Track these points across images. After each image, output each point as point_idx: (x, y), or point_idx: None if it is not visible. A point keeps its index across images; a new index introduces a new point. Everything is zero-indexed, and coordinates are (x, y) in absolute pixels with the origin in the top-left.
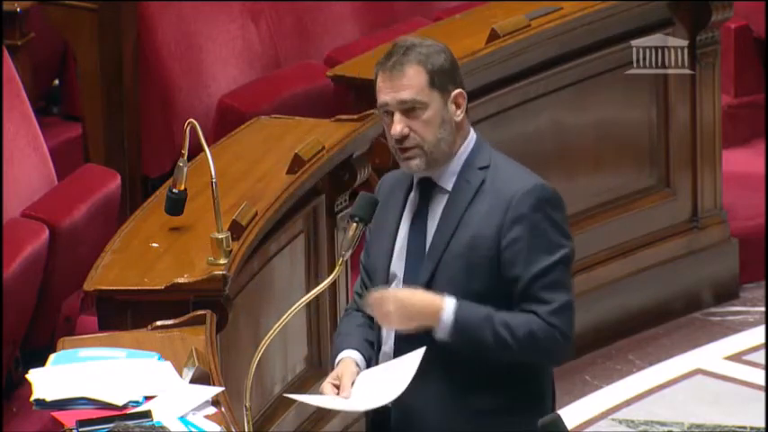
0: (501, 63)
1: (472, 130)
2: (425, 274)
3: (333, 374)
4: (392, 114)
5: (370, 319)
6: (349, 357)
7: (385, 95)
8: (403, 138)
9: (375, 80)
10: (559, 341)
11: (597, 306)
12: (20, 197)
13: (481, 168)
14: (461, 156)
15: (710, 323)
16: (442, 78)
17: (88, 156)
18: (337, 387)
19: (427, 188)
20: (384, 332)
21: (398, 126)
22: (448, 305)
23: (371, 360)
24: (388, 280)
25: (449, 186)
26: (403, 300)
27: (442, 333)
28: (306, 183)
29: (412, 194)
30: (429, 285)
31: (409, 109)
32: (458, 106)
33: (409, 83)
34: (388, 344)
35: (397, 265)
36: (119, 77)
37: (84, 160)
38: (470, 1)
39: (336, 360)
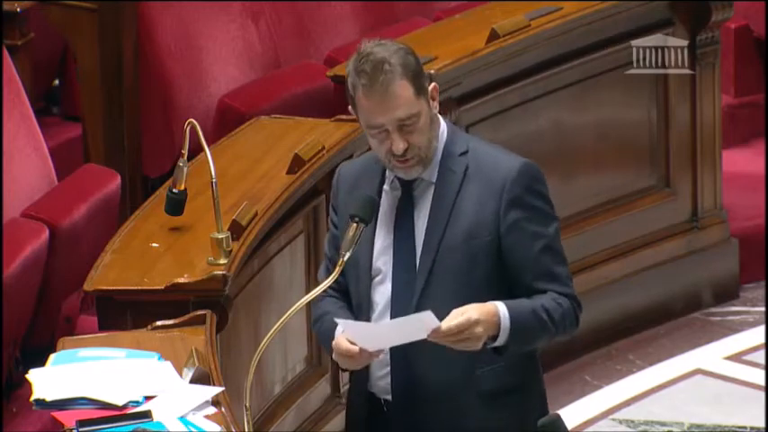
0: (501, 63)
1: (440, 117)
2: (425, 267)
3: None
4: (387, 131)
5: (345, 301)
6: None
7: (379, 117)
8: (405, 151)
9: (353, 97)
10: (577, 312)
11: (597, 306)
12: (20, 197)
13: (461, 154)
14: (439, 144)
15: (710, 323)
16: (420, 81)
17: (88, 156)
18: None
19: (409, 181)
20: (374, 316)
21: (400, 144)
22: (502, 311)
23: None
24: (371, 276)
25: (432, 177)
26: (480, 318)
27: (501, 339)
28: (306, 183)
29: (386, 188)
30: (429, 278)
31: (406, 124)
32: (434, 99)
33: (400, 100)
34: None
35: (383, 261)
36: (119, 77)
37: (84, 160)
38: (470, 1)
39: (339, 331)
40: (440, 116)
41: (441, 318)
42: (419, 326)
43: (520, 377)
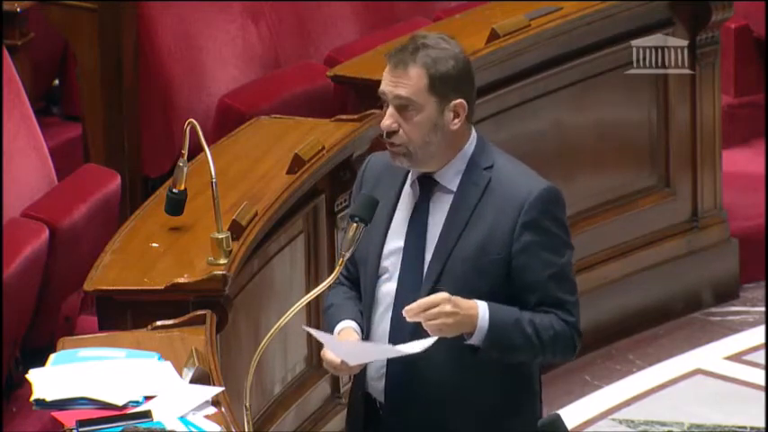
0: (501, 63)
1: (473, 129)
2: (432, 273)
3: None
4: (387, 104)
5: (357, 291)
6: (349, 327)
7: (385, 85)
8: (391, 133)
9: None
10: (575, 340)
11: (597, 306)
12: (20, 197)
13: (486, 169)
14: (465, 155)
15: (710, 323)
16: (444, 86)
17: (88, 156)
18: None
19: (428, 186)
20: (377, 314)
21: (388, 120)
22: (482, 310)
23: (365, 329)
24: (378, 274)
25: (453, 186)
26: (458, 308)
27: (476, 339)
28: (306, 183)
29: (407, 188)
30: (435, 285)
31: (403, 106)
32: (456, 115)
33: (409, 82)
34: (381, 326)
35: (392, 261)
36: (119, 77)
37: (84, 160)
38: (470, 1)
39: (337, 329)
40: (474, 130)
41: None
42: (399, 351)
43: (515, 386)
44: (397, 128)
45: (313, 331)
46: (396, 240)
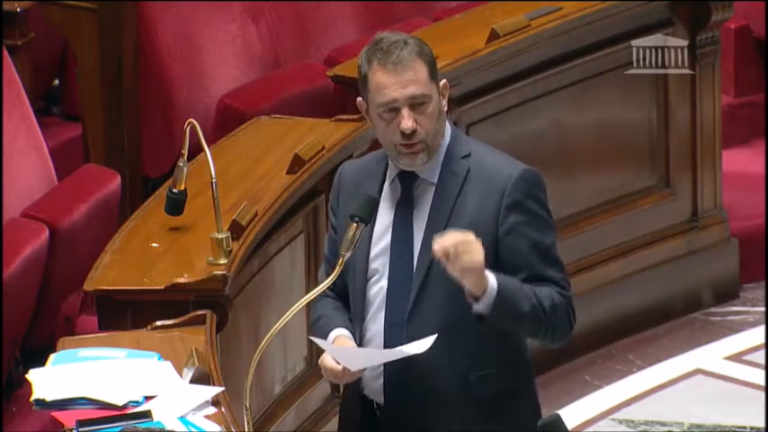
0: (501, 63)
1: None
2: (422, 268)
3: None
4: (396, 111)
5: (342, 301)
6: (343, 335)
7: (392, 92)
8: (412, 133)
9: (366, 77)
10: (571, 317)
11: (597, 306)
12: (20, 197)
13: (463, 157)
14: (443, 146)
15: (710, 323)
16: (434, 69)
17: (88, 156)
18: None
19: (409, 181)
20: (369, 315)
21: (410, 122)
22: (490, 275)
23: (356, 333)
24: (367, 276)
25: (434, 178)
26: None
27: (485, 302)
28: (306, 183)
29: (386, 188)
30: (425, 279)
31: (417, 104)
32: (444, 96)
33: (415, 77)
34: (375, 326)
35: (380, 261)
36: (119, 77)
37: (84, 160)
38: (470, 1)
39: (330, 338)
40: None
41: (430, 332)
42: (402, 353)
43: (513, 383)
44: (416, 126)
45: (316, 340)
46: (382, 240)
